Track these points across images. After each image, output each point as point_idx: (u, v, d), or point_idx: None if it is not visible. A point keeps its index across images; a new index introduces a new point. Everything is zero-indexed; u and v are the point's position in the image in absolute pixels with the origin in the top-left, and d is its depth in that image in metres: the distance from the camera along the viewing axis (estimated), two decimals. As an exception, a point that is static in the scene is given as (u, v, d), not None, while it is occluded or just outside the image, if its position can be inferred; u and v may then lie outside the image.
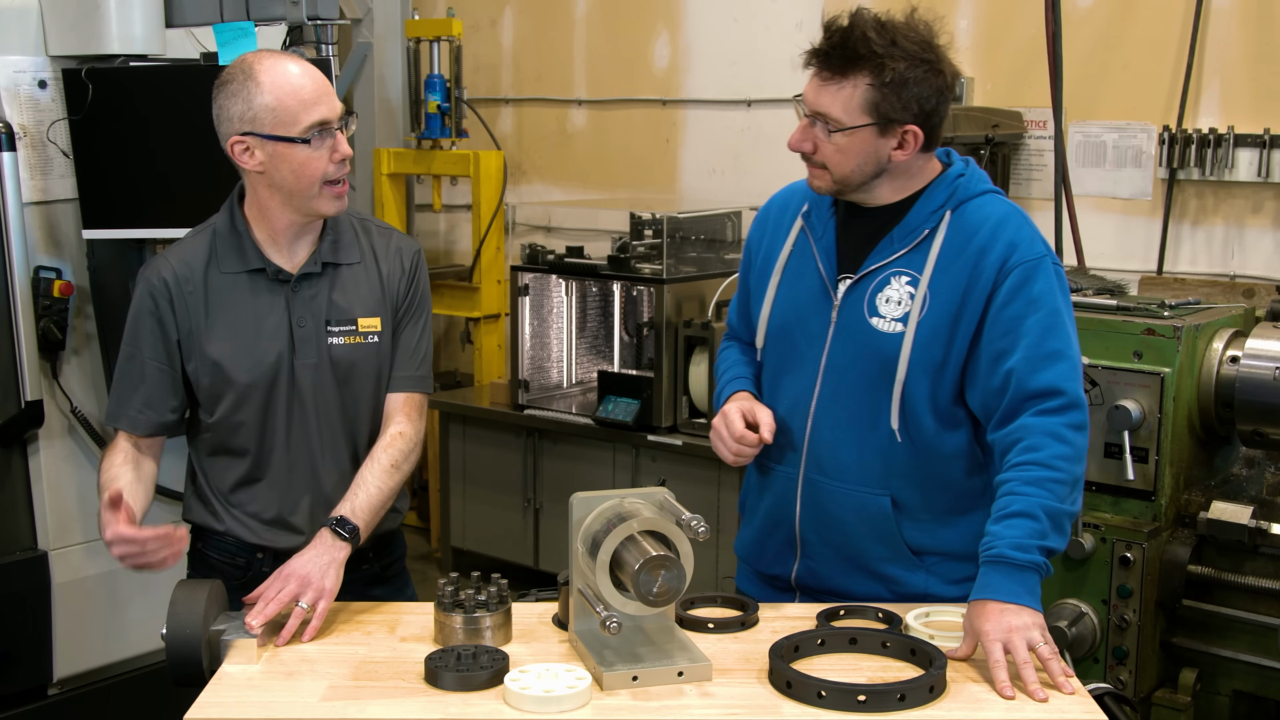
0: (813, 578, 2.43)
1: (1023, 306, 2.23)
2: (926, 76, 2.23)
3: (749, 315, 2.52)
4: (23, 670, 3.43)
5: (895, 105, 2.22)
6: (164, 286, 2.47)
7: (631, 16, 5.60)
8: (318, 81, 2.39)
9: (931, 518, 2.35)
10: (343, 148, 2.40)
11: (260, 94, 2.34)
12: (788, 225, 2.46)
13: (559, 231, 5.82)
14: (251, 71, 2.35)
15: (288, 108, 2.34)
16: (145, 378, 2.49)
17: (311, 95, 2.36)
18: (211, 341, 2.46)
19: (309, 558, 2.29)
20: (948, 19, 4.59)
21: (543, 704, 1.94)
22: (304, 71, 2.39)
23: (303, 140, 2.35)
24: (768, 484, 2.46)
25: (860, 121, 2.23)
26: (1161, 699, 3.39)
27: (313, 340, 2.47)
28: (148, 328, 2.48)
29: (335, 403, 2.50)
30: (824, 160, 2.28)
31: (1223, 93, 4.15)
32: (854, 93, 2.22)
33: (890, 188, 2.33)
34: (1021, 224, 2.30)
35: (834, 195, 2.36)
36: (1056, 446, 2.17)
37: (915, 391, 2.29)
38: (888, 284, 2.31)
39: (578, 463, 4.91)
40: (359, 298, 2.51)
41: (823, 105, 2.25)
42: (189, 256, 2.49)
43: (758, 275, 2.50)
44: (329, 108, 2.38)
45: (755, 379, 2.51)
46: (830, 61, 2.23)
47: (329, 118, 2.38)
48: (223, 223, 2.50)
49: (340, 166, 2.40)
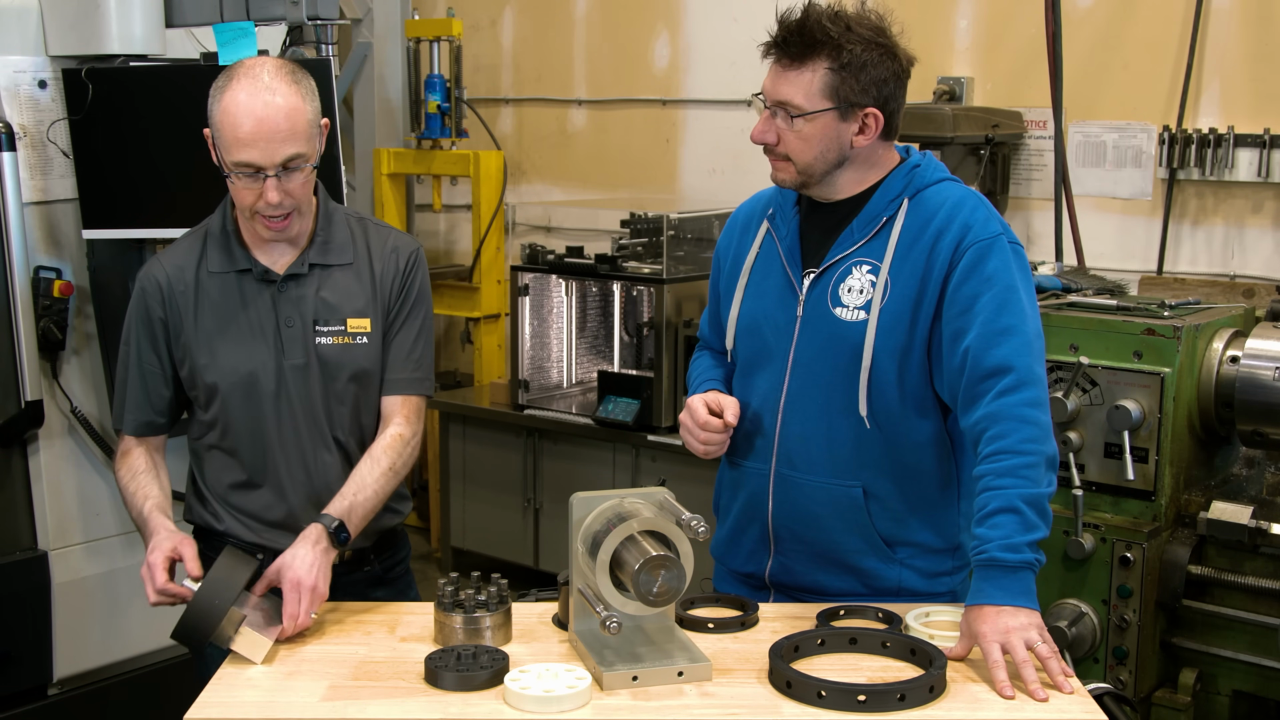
0: (787, 574, 2.44)
1: (977, 285, 2.25)
2: (883, 60, 2.28)
3: (719, 323, 2.56)
4: (23, 670, 3.42)
5: (854, 88, 2.26)
6: (156, 288, 2.48)
7: (631, 16, 5.60)
8: (264, 124, 2.27)
9: (903, 507, 2.36)
10: (268, 195, 2.31)
11: (216, 107, 2.32)
12: (754, 230, 2.50)
13: (559, 231, 5.82)
14: (228, 80, 2.32)
15: (224, 136, 2.31)
16: (142, 379, 2.51)
17: (247, 136, 2.27)
18: (200, 341, 2.47)
19: (302, 558, 2.27)
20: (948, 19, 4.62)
21: (543, 704, 1.94)
22: (258, 105, 2.27)
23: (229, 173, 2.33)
24: (740, 481, 2.48)
25: (821, 106, 2.27)
26: (1161, 699, 3.39)
27: (300, 340, 2.47)
28: (142, 329, 2.50)
29: (325, 403, 2.50)
30: (787, 151, 2.32)
31: (1223, 93, 4.15)
32: (813, 78, 2.26)
33: (851, 178, 2.36)
34: (977, 205, 2.33)
35: (798, 188, 2.39)
36: (1021, 429, 2.17)
37: (882, 378, 2.31)
38: (849, 274, 2.34)
39: (578, 463, 4.91)
40: (348, 298, 2.50)
41: (783, 93, 2.29)
42: (180, 258, 2.50)
43: (727, 280, 2.54)
44: (263, 154, 2.28)
45: (726, 382, 2.55)
46: (788, 49, 2.28)
47: (259, 164, 2.29)
48: (215, 224, 2.51)
49: (271, 206, 2.32)
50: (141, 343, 2.50)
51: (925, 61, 4.53)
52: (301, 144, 2.31)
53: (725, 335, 2.51)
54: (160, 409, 2.53)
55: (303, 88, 2.34)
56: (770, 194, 2.49)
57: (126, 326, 2.53)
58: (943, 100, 4.49)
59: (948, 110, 4.09)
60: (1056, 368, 3.38)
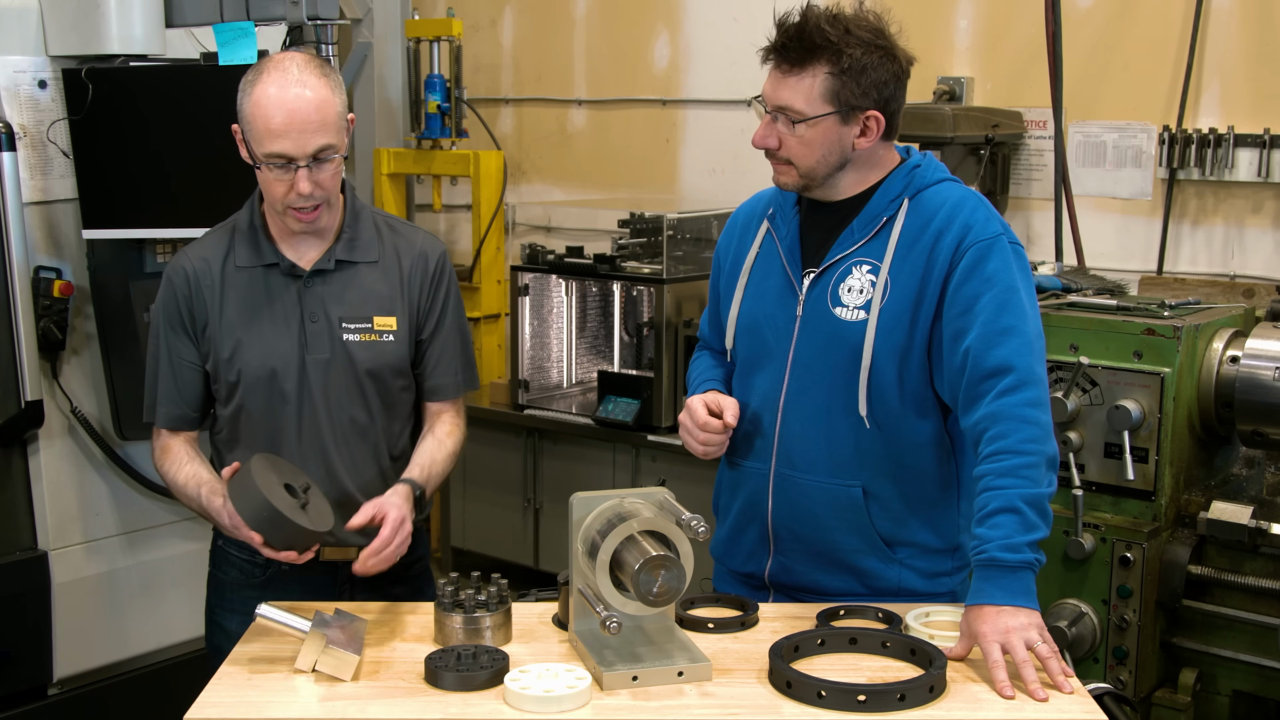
0: (786, 574, 2.44)
1: (978, 285, 2.25)
2: (883, 62, 2.28)
3: (719, 323, 2.56)
4: (23, 670, 3.43)
5: (855, 92, 2.26)
6: (184, 280, 2.51)
7: (631, 16, 5.60)
8: (297, 115, 2.32)
9: (903, 508, 2.36)
10: (300, 186, 2.35)
11: (247, 101, 2.36)
12: (754, 230, 2.50)
13: (559, 231, 5.81)
14: (258, 74, 2.37)
15: (255, 129, 2.35)
16: (173, 371, 2.53)
17: (279, 128, 2.31)
18: (225, 335, 2.49)
19: (399, 504, 2.37)
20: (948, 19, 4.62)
21: (543, 704, 1.94)
22: (292, 98, 2.32)
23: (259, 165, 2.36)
24: (740, 481, 2.49)
25: (822, 111, 2.27)
26: (1161, 699, 3.39)
27: (325, 336, 2.49)
28: (171, 321, 2.52)
29: (348, 399, 2.52)
30: (789, 155, 2.32)
31: (1223, 93, 4.15)
32: (814, 82, 2.26)
33: (852, 179, 2.36)
34: (977, 205, 2.33)
35: (800, 191, 2.39)
36: (1022, 429, 2.17)
37: (882, 378, 2.31)
38: (849, 274, 2.34)
39: (578, 463, 4.90)
40: (375, 296, 2.53)
41: (784, 99, 2.28)
42: (207, 251, 2.54)
43: (726, 280, 2.55)
44: (295, 144, 2.32)
45: (725, 382, 2.55)
46: (788, 54, 2.27)
47: (292, 155, 2.33)
48: (243, 219, 2.55)
49: (303, 199, 2.37)
50: (171, 335, 2.52)
51: (925, 61, 4.53)
52: (331, 135, 2.36)
53: (725, 335, 2.51)
54: (192, 401, 2.55)
55: (331, 80, 2.38)
56: (770, 194, 2.49)
57: (154, 320, 2.56)
58: (943, 100, 4.49)
59: (948, 110, 4.09)
60: (1056, 368, 3.38)
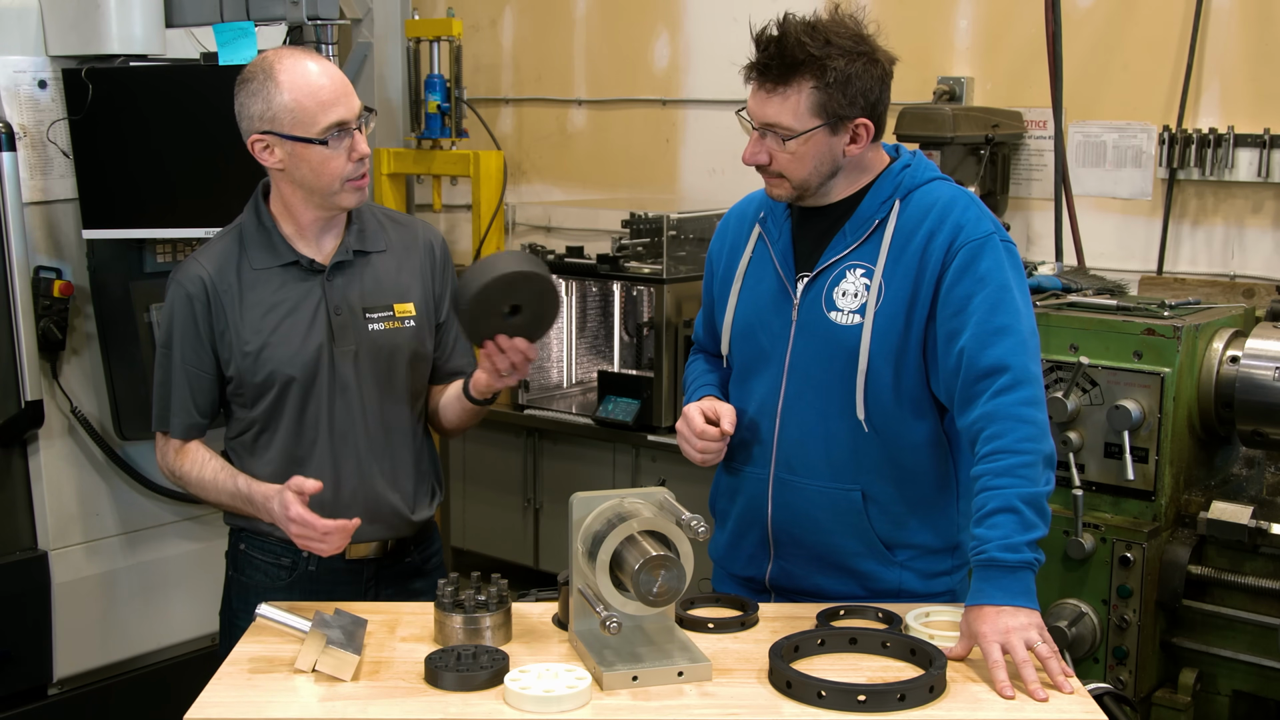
0: (787, 578, 2.44)
1: (971, 285, 2.25)
2: (867, 68, 2.26)
3: (714, 326, 2.56)
4: (23, 670, 3.43)
5: (842, 102, 2.25)
6: (200, 288, 2.48)
7: (631, 16, 5.59)
8: (336, 81, 2.40)
9: (902, 510, 2.37)
10: (360, 147, 2.43)
11: (279, 94, 2.36)
12: (746, 233, 2.50)
13: (559, 231, 5.81)
14: (271, 70, 2.37)
15: (306, 109, 2.36)
16: (187, 382, 2.51)
17: (330, 96, 2.38)
18: (249, 338, 2.48)
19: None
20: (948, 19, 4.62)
21: (543, 704, 1.94)
22: (323, 71, 2.39)
23: (320, 141, 2.36)
24: (739, 486, 2.48)
25: (811, 125, 2.26)
26: (1161, 699, 3.38)
27: (350, 328, 2.50)
28: (186, 330, 2.49)
29: (375, 389, 2.53)
30: (780, 169, 2.31)
31: (1223, 93, 4.15)
32: (800, 98, 2.24)
33: (844, 183, 2.36)
34: (968, 204, 2.33)
35: (794, 201, 2.38)
36: (1018, 428, 2.17)
37: (879, 381, 2.31)
38: (843, 277, 2.34)
39: (578, 463, 4.90)
40: (391, 283, 2.57)
41: (771, 116, 2.27)
42: (219, 258, 2.51)
43: (720, 284, 2.54)
44: (346, 108, 2.40)
45: (722, 386, 2.54)
46: (770, 73, 2.25)
47: (346, 118, 2.40)
48: (249, 220, 2.53)
49: (359, 165, 2.44)
50: (185, 345, 2.50)
51: (925, 61, 4.57)
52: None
53: (720, 340, 2.51)
54: (205, 410, 2.55)
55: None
56: (760, 196, 2.49)
57: (166, 330, 2.53)
58: (943, 100, 4.48)
59: (948, 110, 4.09)
60: (1056, 368, 3.38)
